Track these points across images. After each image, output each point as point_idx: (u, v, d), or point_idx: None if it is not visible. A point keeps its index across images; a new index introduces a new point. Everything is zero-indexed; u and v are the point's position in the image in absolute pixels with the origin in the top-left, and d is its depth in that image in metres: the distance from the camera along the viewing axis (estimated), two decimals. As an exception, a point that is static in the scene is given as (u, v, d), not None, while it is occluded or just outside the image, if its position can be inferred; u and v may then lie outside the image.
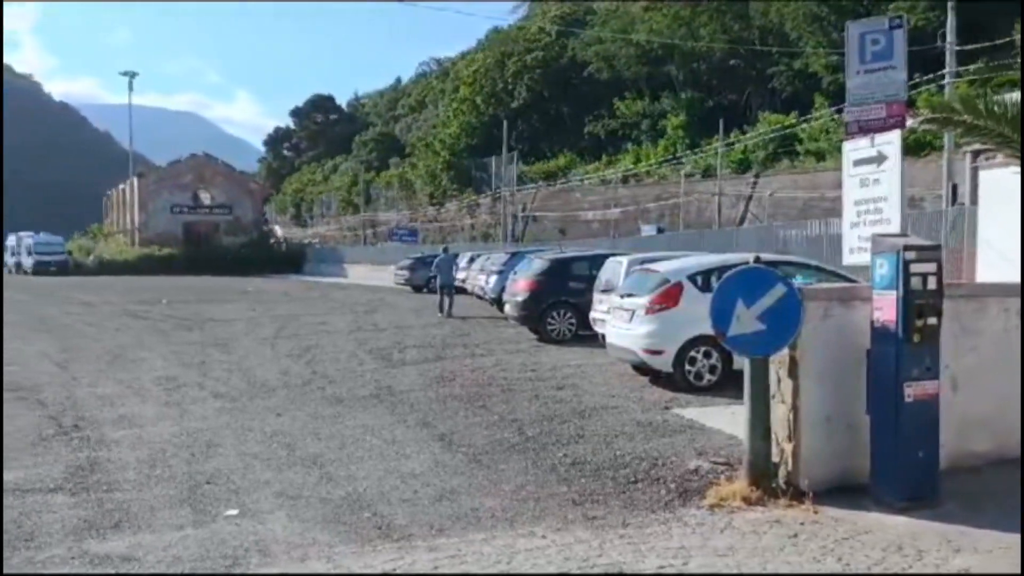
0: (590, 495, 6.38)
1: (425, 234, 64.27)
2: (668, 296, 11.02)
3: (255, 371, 12.68)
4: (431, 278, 31.01)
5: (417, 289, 35.54)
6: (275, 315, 23.26)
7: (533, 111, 66.90)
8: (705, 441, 7.95)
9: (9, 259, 67.59)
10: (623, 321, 11.56)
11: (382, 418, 9.19)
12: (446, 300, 23.07)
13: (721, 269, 10.15)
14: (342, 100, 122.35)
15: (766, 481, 6.16)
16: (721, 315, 6.23)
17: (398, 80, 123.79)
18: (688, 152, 49.87)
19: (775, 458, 6.31)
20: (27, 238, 63.91)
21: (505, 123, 58.16)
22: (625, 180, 54.24)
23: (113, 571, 4.95)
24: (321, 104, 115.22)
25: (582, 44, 64.11)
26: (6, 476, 6.91)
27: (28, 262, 61.23)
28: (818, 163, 41.51)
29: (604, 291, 14.44)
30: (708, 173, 48.04)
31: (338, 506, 6.11)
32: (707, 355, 10.66)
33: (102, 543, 5.38)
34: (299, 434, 8.41)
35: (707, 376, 10.72)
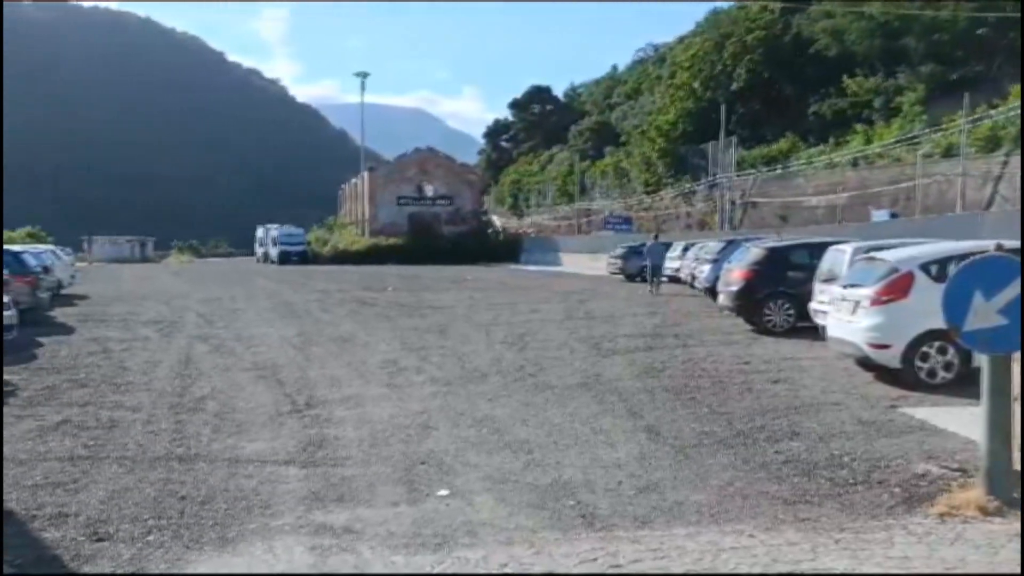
0: (803, 495, 6.08)
1: (639, 223, 63.78)
2: (897, 287, 10.28)
3: (470, 357, 13.14)
4: (643, 266, 31.12)
5: (630, 278, 35.37)
6: (491, 303, 23.99)
7: (753, 94, 64.37)
8: (936, 444, 7.33)
9: (258, 249, 74.43)
10: (846, 313, 10.91)
11: (589, 407, 9.22)
12: (655, 280, 27.72)
13: (959, 258, 9.30)
14: (559, 90, 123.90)
15: (1005, 491, 5.60)
16: (955, 308, 5.73)
17: (614, 68, 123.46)
18: (927, 131, 46.08)
19: (1016, 465, 5.71)
20: (273, 230, 69.93)
21: (723, 107, 56.46)
22: (854, 163, 51.01)
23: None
24: (538, 95, 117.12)
25: (808, 20, 60.82)
26: (249, 447, 7.59)
27: (274, 252, 67.01)
28: (1083, 138, 36.94)
29: (826, 281, 13.70)
30: (950, 153, 44.14)
31: (543, 492, 6.20)
32: (942, 351, 9.85)
33: (326, 514, 5.77)
34: (508, 420, 8.61)
35: (941, 373, 9.90)
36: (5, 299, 14.27)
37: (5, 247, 24.90)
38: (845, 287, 11.35)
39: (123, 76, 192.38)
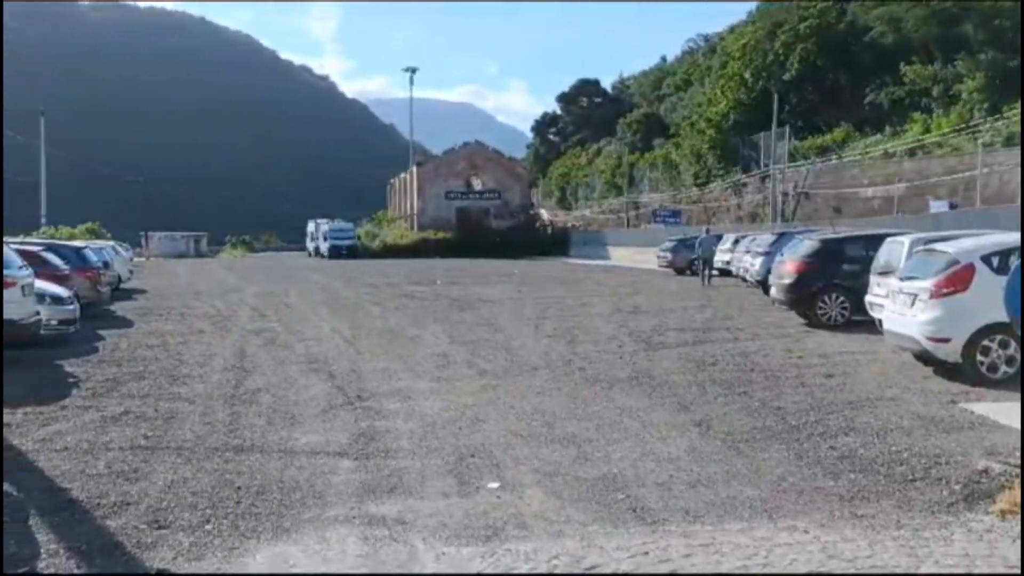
0: (860, 491, 5.97)
1: (688, 215, 63.19)
2: (957, 279, 10.04)
3: (518, 351, 13.15)
4: (694, 260, 30.99)
5: (679, 271, 35.11)
6: (539, 297, 23.99)
7: (807, 83, 63.21)
8: (998, 440, 7.15)
9: (309, 244, 75.46)
10: (903, 306, 10.70)
11: (639, 401, 9.17)
12: (706, 273, 28.35)
13: (1021, 249, 9.07)
14: (607, 83, 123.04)
15: (1072, 489, 5.43)
16: (1017, 301, 5.57)
17: (663, 59, 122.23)
18: (987, 119, 44.84)
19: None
20: (323, 225, 70.78)
21: (776, 97, 55.60)
22: (912, 152, 49.86)
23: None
24: (586, 88, 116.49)
25: (863, 7, 59.54)
26: (302, 439, 7.69)
27: (324, 247, 67.84)
28: None
29: (882, 273, 13.45)
30: (1011, 142, 42.87)
31: (593, 486, 6.18)
32: (1003, 345, 9.62)
33: (378, 506, 5.83)
34: (558, 413, 8.60)
35: (1003, 368, 9.67)
36: (67, 293, 14.79)
37: (68, 243, 25.66)
38: (903, 280, 11.13)
39: (177, 75, 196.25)
